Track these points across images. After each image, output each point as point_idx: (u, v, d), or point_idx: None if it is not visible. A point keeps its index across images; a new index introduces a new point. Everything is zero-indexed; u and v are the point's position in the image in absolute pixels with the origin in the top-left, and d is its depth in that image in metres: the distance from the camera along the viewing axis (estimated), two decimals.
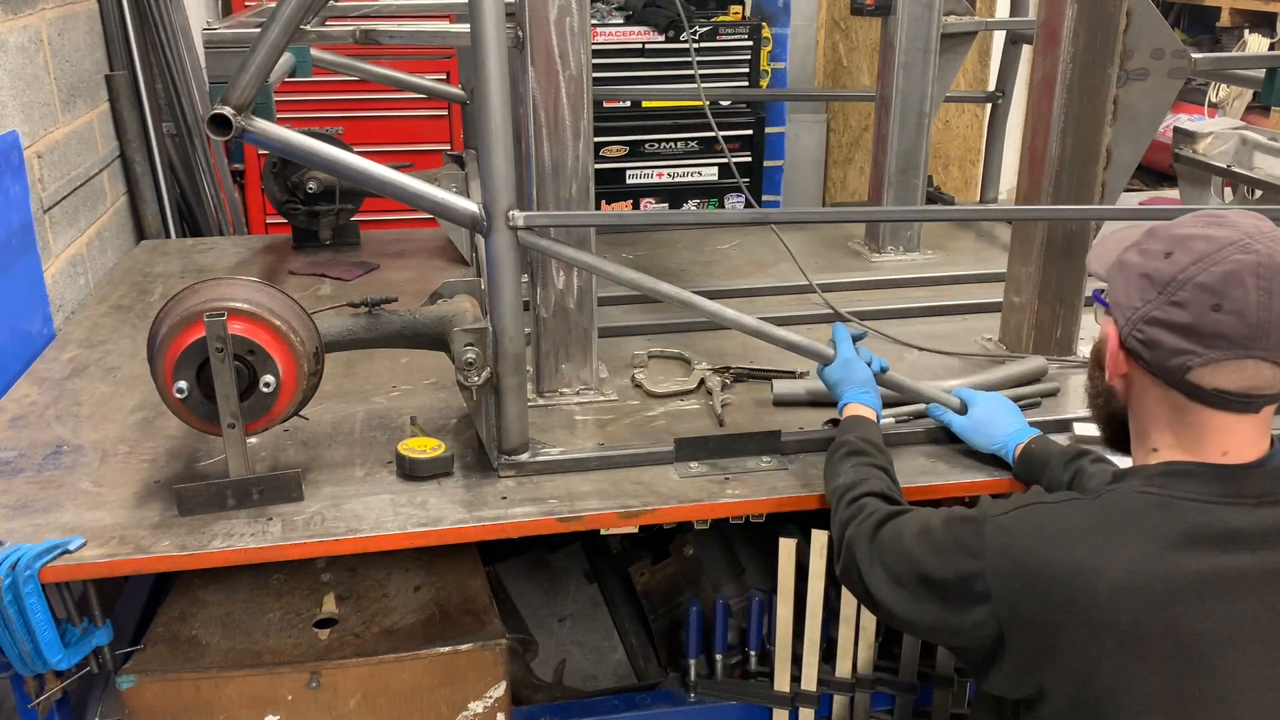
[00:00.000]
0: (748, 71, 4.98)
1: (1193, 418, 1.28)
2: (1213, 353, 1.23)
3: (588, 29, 2.10)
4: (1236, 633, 1.23)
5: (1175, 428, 1.30)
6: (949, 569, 1.37)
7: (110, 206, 3.36)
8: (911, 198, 3.20)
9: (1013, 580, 1.29)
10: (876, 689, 2.18)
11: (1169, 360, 1.26)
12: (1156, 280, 1.27)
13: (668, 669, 2.31)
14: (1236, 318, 1.21)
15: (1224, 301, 1.22)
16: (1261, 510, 1.25)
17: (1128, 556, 1.24)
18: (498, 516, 1.88)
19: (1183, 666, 1.23)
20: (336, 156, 1.88)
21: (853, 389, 1.94)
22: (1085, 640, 1.24)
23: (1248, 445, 1.28)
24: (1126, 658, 1.23)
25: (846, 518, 1.59)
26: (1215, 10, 6.49)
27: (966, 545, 1.35)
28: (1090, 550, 1.25)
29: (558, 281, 2.23)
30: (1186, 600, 1.22)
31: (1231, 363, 1.23)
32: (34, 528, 1.81)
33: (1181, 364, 1.25)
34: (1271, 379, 1.24)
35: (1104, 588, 1.23)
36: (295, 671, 1.81)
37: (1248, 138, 3.50)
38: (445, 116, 4.73)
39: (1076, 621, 1.24)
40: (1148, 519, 1.26)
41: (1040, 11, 2.34)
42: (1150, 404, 1.33)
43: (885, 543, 1.49)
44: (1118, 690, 1.24)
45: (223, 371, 1.76)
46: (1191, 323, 1.23)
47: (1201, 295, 1.23)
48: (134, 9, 3.52)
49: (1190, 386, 1.26)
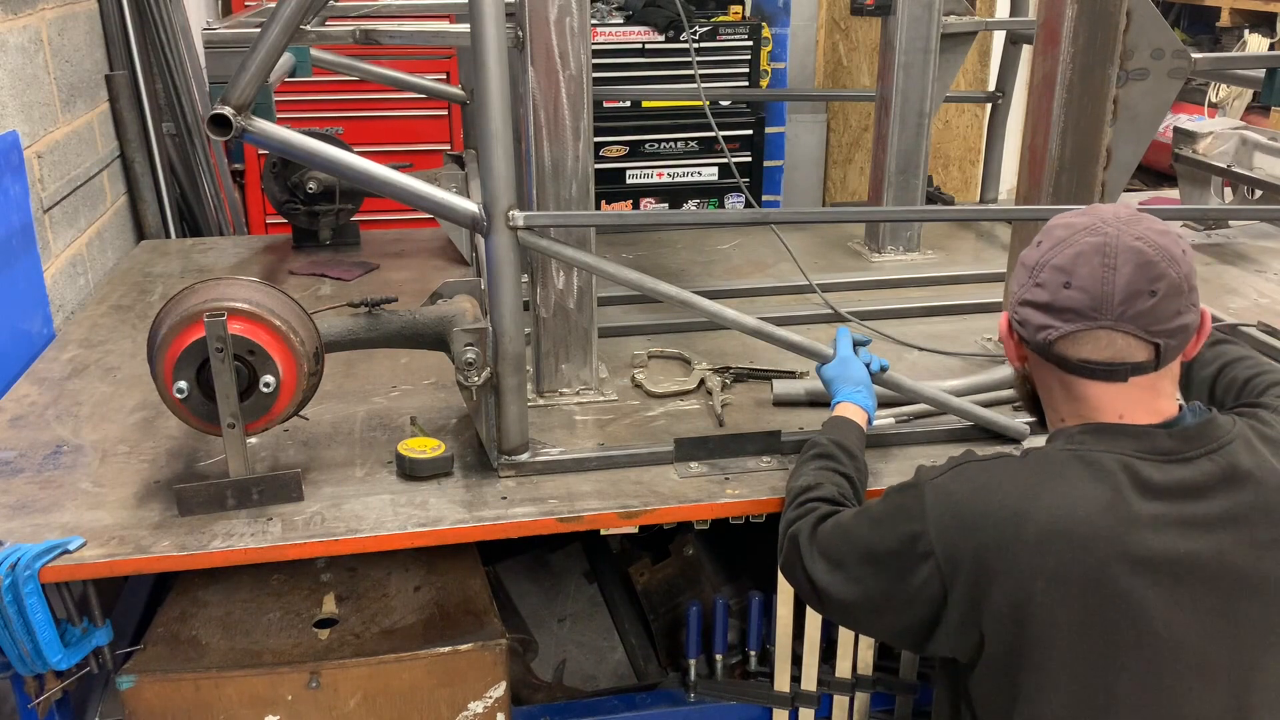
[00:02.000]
0: (748, 71, 4.98)
1: (1075, 389, 1.40)
2: (1068, 325, 1.35)
3: (588, 29, 2.10)
4: (1155, 577, 1.29)
5: (1068, 400, 1.42)
6: (892, 537, 1.41)
7: (110, 206, 3.36)
8: (911, 198, 3.20)
9: (952, 533, 1.36)
10: (876, 689, 2.18)
11: (1036, 335, 1.39)
12: (1026, 265, 1.41)
13: (668, 669, 2.32)
14: (1083, 292, 1.33)
15: (1073, 279, 1.34)
16: (1171, 466, 1.33)
17: (1054, 504, 1.32)
18: (498, 516, 1.88)
19: (1105, 608, 1.30)
20: (336, 156, 1.88)
21: (847, 388, 1.95)
22: (1016, 585, 1.31)
23: (1141, 411, 1.38)
24: (1054, 600, 1.30)
25: (794, 516, 1.63)
26: (1215, 10, 6.49)
27: (907, 510, 1.41)
28: (1020, 498, 1.33)
29: (558, 281, 2.23)
30: (1109, 544, 1.29)
31: (1085, 334, 1.35)
32: (34, 528, 1.81)
33: (1045, 338, 1.37)
34: (1125, 348, 1.34)
35: (1033, 532, 1.31)
36: (295, 671, 1.81)
37: (1248, 138, 3.50)
38: (445, 116, 4.73)
39: (1009, 566, 1.31)
40: (1071, 470, 1.34)
41: (1040, 11, 2.34)
42: (1044, 379, 1.45)
43: (825, 532, 1.54)
44: (1046, 635, 1.31)
45: (223, 371, 1.76)
46: (1049, 300, 1.36)
47: (1056, 275, 1.36)
48: (134, 9, 3.52)
49: (1059, 358, 1.38)
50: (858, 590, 1.46)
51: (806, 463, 1.77)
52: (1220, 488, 1.33)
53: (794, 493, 1.69)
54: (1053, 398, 1.45)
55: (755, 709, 2.18)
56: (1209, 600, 1.31)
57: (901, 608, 1.42)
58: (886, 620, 1.46)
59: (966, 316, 2.77)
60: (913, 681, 2.17)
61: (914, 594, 1.39)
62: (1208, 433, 1.36)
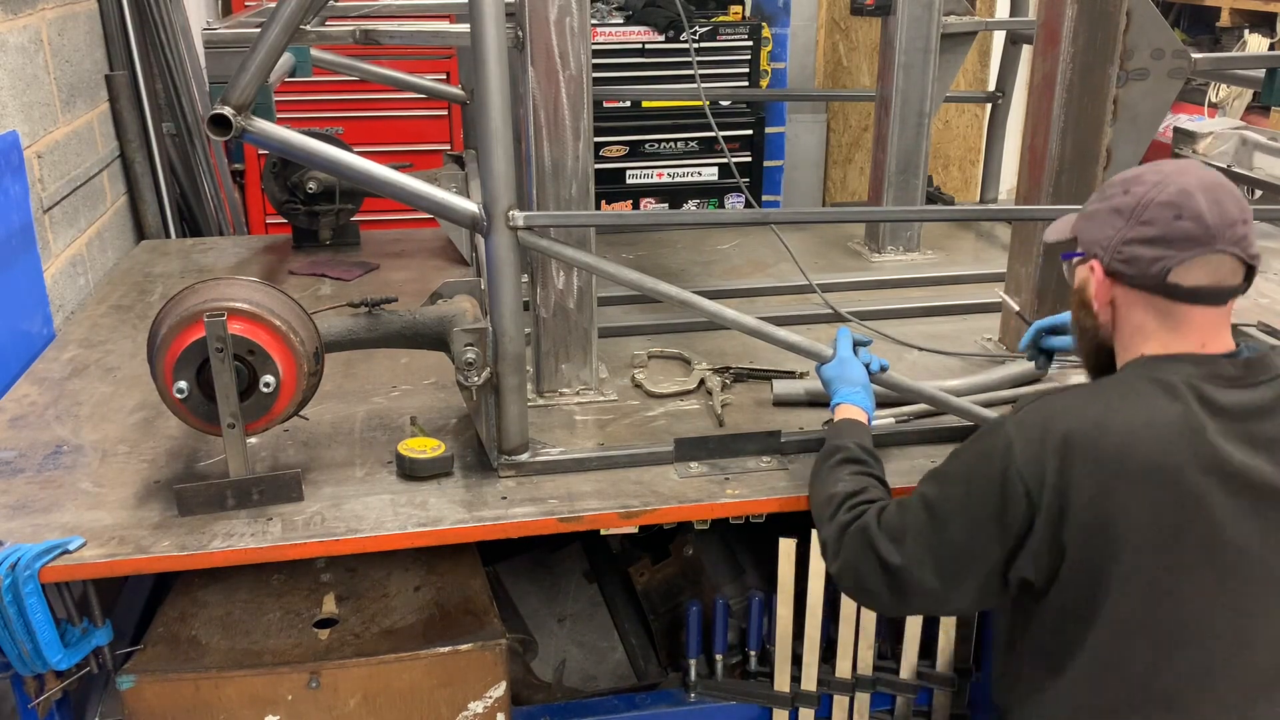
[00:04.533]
0: (748, 71, 4.98)
1: (1175, 319, 1.50)
2: (1184, 253, 1.46)
3: (588, 29, 2.10)
4: (1226, 486, 1.42)
5: (1161, 333, 1.51)
6: (980, 482, 1.49)
7: (110, 206, 3.36)
8: (911, 198, 3.20)
9: (1036, 456, 1.45)
10: (876, 689, 2.18)
11: (1150, 268, 1.48)
12: (1124, 211, 1.50)
13: (668, 669, 2.32)
14: (1195, 222, 1.45)
15: (1183, 212, 1.46)
16: (1235, 391, 1.47)
17: (1130, 416, 1.44)
18: (498, 516, 1.88)
19: (1181, 512, 1.41)
20: (336, 156, 1.88)
21: (845, 388, 1.96)
22: (1098, 493, 1.42)
23: (1220, 339, 1.51)
24: (1133, 505, 1.41)
25: (848, 519, 1.64)
26: (1215, 10, 6.49)
27: (991, 452, 1.49)
28: (1098, 414, 1.45)
29: (558, 281, 2.23)
30: (1183, 452, 1.42)
31: (1199, 259, 1.46)
32: (34, 528, 1.81)
33: (1162, 268, 1.47)
34: (1231, 271, 1.48)
35: (1112, 443, 1.43)
36: (295, 671, 1.81)
37: (1248, 138, 3.51)
38: (445, 116, 4.73)
39: (1091, 476, 1.42)
40: (1144, 388, 1.47)
41: (1040, 11, 2.34)
42: (1136, 317, 1.53)
43: (889, 519, 1.60)
44: (1125, 540, 1.42)
45: (223, 371, 1.76)
46: (1161, 233, 1.47)
47: (1164, 210, 1.47)
48: (134, 9, 3.52)
49: (1171, 288, 1.48)
50: (943, 552, 1.53)
51: (836, 468, 1.77)
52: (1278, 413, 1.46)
53: (838, 498, 1.70)
54: (1139, 335, 1.53)
55: (755, 709, 2.18)
56: (1274, 515, 1.44)
57: (991, 547, 1.49)
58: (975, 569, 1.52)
59: (966, 316, 2.77)
60: (913, 681, 2.18)
61: (1005, 528, 1.47)
62: (1267, 363, 1.50)
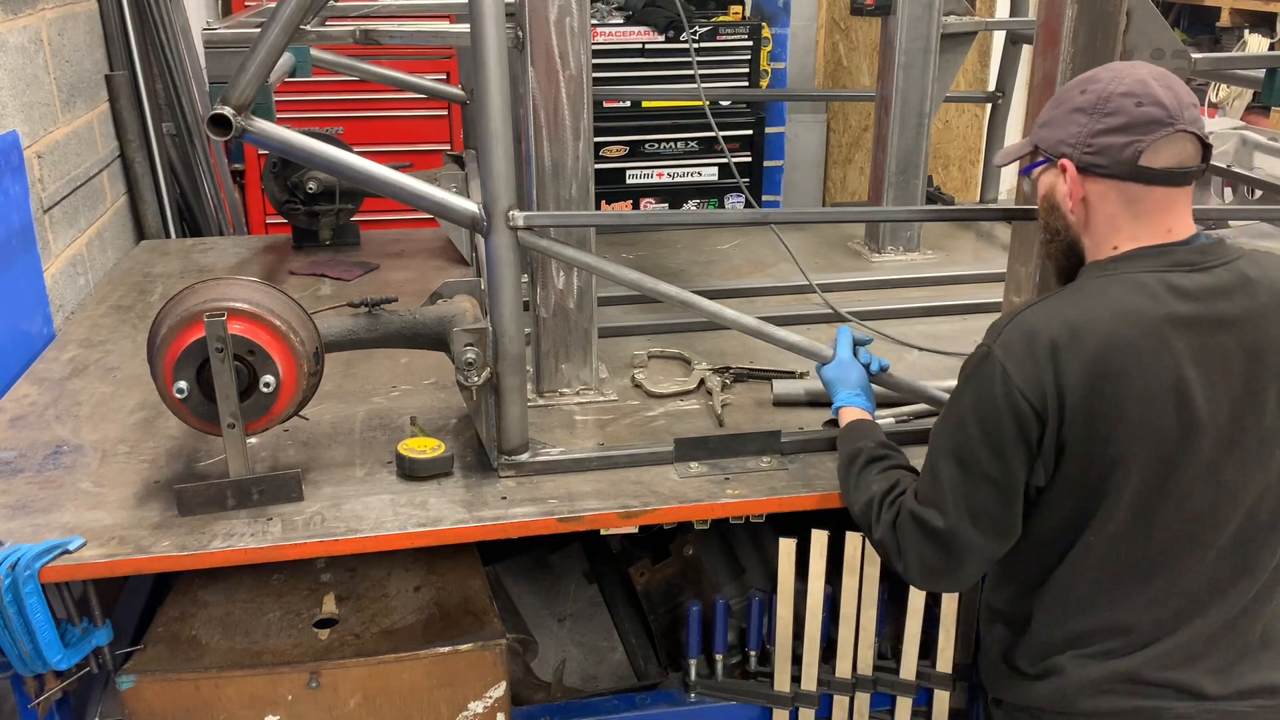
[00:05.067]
0: (748, 71, 4.98)
1: (1146, 204, 1.57)
2: (1150, 135, 1.53)
3: (588, 29, 2.10)
4: (1198, 368, 1.51)
5: (1132, 221, 1.58)
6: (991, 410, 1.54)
7: (110, 206, 3.36)
8: (911, 198, 3.20)
9: (1031, 372, 1.51)
10: (876, 689, 2.18)
11: (1122, 154, 1.55)
12: (1085, 108, 1.59)
13: (668, 669, 2.32)
14: (1156, 106, 1.54)
15: (1143, 99, 1.55)
16: (1196, 274, 1.55)
17: (1104, 315, 1.52)
18: (498, 516, 1.88)
19: (1162, 398, 1.50)
20: (336, 156, 1.88)
21: (845, 390, 1.97)
22: (1089, 390, 1.49)
23: (1183, 223, 1.59)
24: (1119, 396, 1.49)
25: (891, 517, 1.67)
26: (1215, 10, 6.49)
27: (990, 379, 1.54)
28: (1075, 319, 1.52)
29: (558, 281, 2.23)
30: (1158, 339, 1.50)
31: (1165, 141, 1.54)
32: (34, 528, 1.81)
33: (1134, 151, 1.54)
34: (1192, 152, 1.56)
35: (1093, 342, 1.50)
36: (295, 671, 1.81)
37: (1248, 138, 3.51)
38: (445, 116, 4.72)
39: (1079, 376, 1.50)
40: (1111, 288, 1.56)
41: (1040, 11, 2.34)
42: (1109, 208, 1.60)
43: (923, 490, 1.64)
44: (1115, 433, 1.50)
45: (223, 371, 1.76)
46: (1127, 121, 1.55)
47: (1125, 100, 1.55)
48: (134, 9, 3.52)
49: (1142, 170, 1.55)
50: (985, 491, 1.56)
51: (863, 472, 1.78)
52: (1237, 292, 1.54)
53: (876, 500, 1.71)
54: (1111, 226, 1.60)
55: (755, 709, 2.18)
56: (1238, 386, 1.52)
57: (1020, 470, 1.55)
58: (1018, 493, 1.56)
59: (966, 316, 2.77)
60: (913, 681, 2.18)
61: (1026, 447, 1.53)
62: (1220, 249, 1.58)
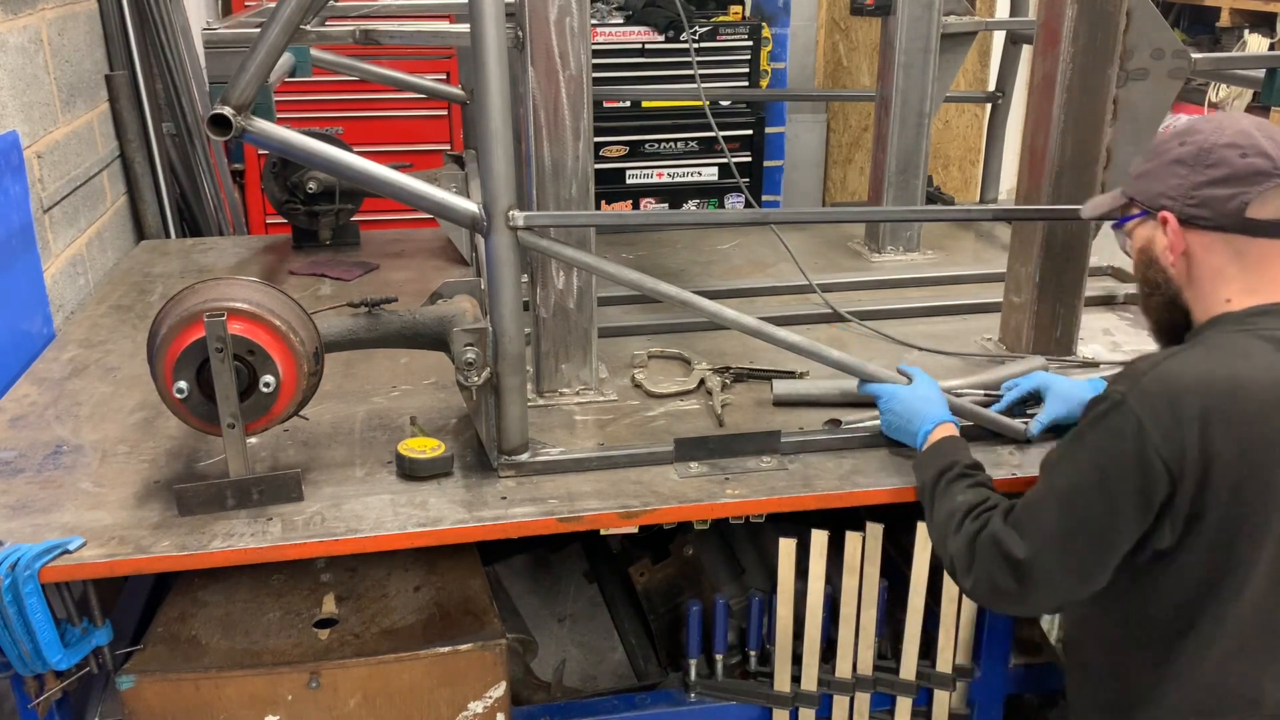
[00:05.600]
0: (748, 71, 4.99)
1: (1256, 256, 1.57)
2: (1256, 187, 1.54)
3: (588, 29, 2.10)
4: None
5: (1243, 274, 1.58)
6: (1117, 462, 1.51)
7: (110, 206, 3.36)
8: (911, 198, 3.20)
9: (1172, 432, 1.47)
10: (876, 689, 2.18)
11: (1228, 205, 1.55)
12: (1186, 159, 1.59)
13: (668, 669, 2.31)
14: (1261, 156, 1.54)
15: (1247, 150, 1.55)
16: None
17: (1257, 376, 1.49)
18: (498, 516, 1.88)
19: None
20: (336, 156, 1.88)
21: (940, 408, 1.97)
22: (1238, 456, 1.47)
23: None
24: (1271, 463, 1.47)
25: (975, 529, 1.67)
26: (1215, 10, 6.48)
27: (1120, 430, 1.51)
28: (1227, 378, 1.49)
29: (558, 281, 2.23)
30: None
31: (1271, 191, 1.54)
32: (34, 528, 1.81)
33: (1240, 203, 1.54)
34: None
35: (1251, 408, 1.47)
36: (295, 671, 1.81)
37: None
38: (445, 116, 4.73)
39: (1232, 437, 1.47)
40: (1252, 345, 1.53)
41: (1040, 11, 2.34)
42: (1215, 260, 1.59)
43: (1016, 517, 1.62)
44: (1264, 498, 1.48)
45: (223, 371, 1.76)
46: (1231, 172, 1.55)
47: (1229, 151, 1.56)
48: (134, 9, 3.52)
49: (1250, 223, 1.55)
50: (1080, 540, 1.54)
51: (952, 485, 1.78)
52: None
53: (961, 511, 1.71)
54: (1220, 279, 1.59)
55: (755, 709, 2.18)
56: None
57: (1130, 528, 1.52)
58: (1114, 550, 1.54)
59: (966, 316, 2.77)
60: (913, 681, 2.18)
61: (1146, 507, 1.50)
62: None
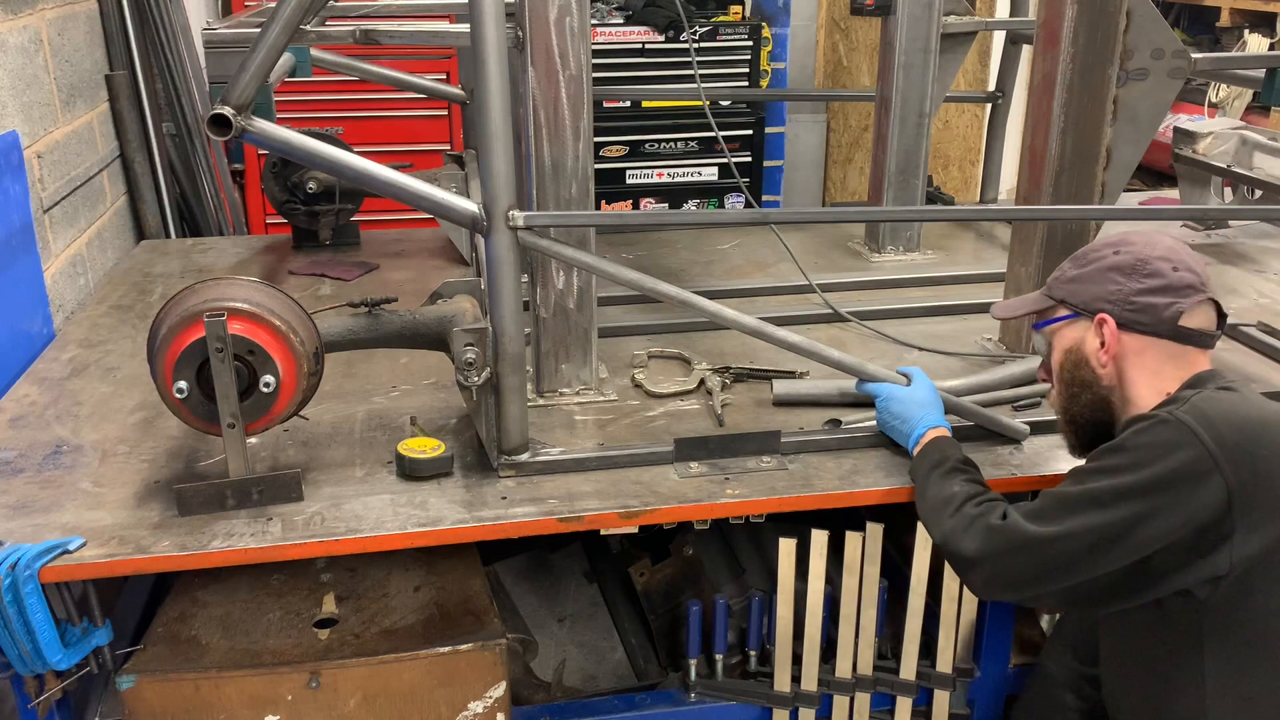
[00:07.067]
0: (748, 71, 4.98)
1: (1187, 360, 1.68)
2: (1188, 299, 1.66)
3: (588, 29, 2.10)
4: None
5: (1178, 372, 1.67)
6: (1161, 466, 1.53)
7: (110, 206, 3.36)
8: (911, 198, 3.20)
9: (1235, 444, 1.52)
10: (876, 689, 2.18)
11: (1164, 313, 1.66)
12: (1123, 268, 1.70)
13: (668, 669, 2.32)
14: (1190, 271, 1.67)
15: (1178, 265, 1.67)
16: None
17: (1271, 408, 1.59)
18: (498, 516, 1.88)
19: None
20: (336, 156, 1.88)
21: (936, 412, 2.00)
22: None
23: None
24: None
25: (976, 512, 1.71)
26: (1215, 10, 6.50)
27: (1170, 440, 1.54)
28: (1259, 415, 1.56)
29: (558, 281, 2.23)
30: None
31: (1199, 305, 1.66)
32: (34, 528, 1.81)
33: (1174, 312, 1.65)
34: (1214, 319, 1.70)
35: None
36: (295, 671, 1.81)
37: (1248, 138, 3.50)
38: (445, 116, 4.73)
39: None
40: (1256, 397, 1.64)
41: (1040, 11, 2.34)
42: (1150, 363, 1.68)
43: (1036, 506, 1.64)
44: None
45: (223, 371, 1.76)
46: (1167, 283, 1.66)
47: (1162, 264, 1.68)
48: (134, 9, 3.52)
49: (1182, 331, 1.66)
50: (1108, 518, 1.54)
51: (948, 476, 1.81)
52: None
53: (959, 498, 1.75)
54: (1157, 378, 1.68)
55: (755, 709, 2.18)
56: None
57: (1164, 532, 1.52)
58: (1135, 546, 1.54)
59: (966, 316, 2.77)
60: (913, 681, 2.18)
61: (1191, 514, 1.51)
62: None
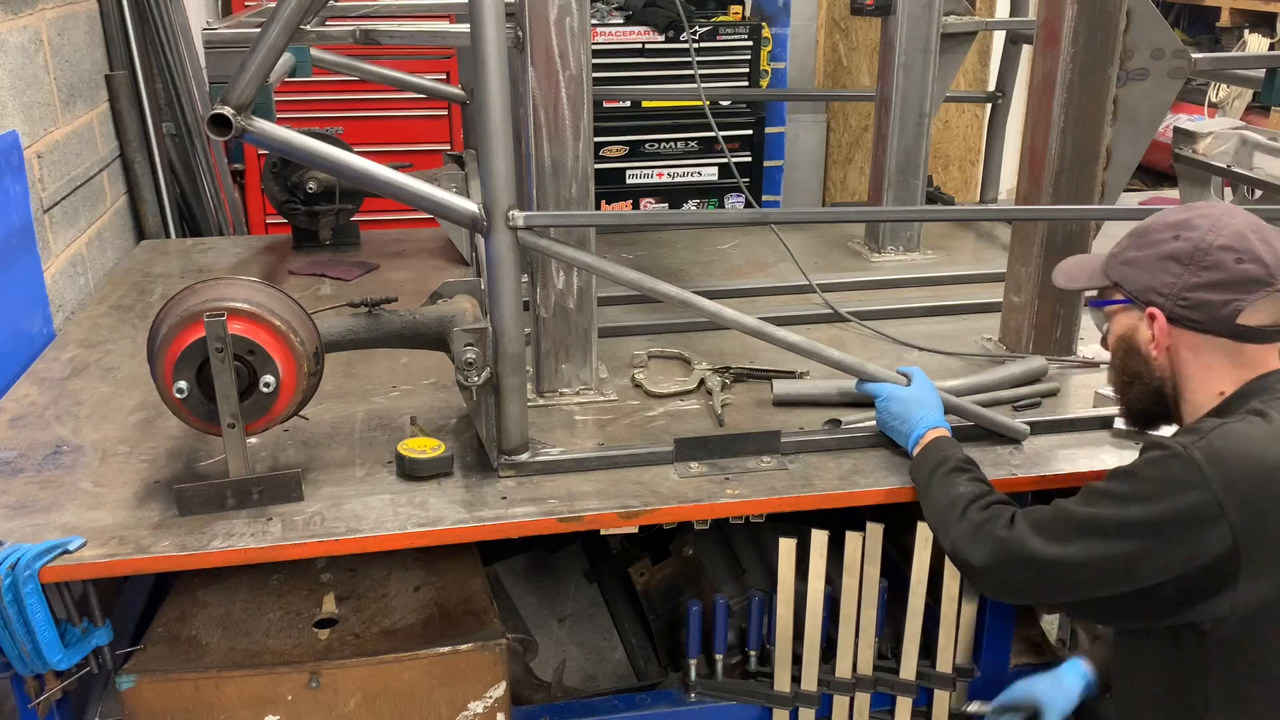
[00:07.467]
0: (748, 71, 4.98)
1: (1246, 358, 1.57)
2: (1250, 295, 1.53)
3: (588, 29, 2.10)
4: None
5: (1234, 371, 1.57)
6: (1167, 505, 1.47)
7: (110, 206, 3.36)
8: (911, 198, 3.20)
9: (1244, 489, 1.44)
10: (876, 689, 2.18)
11: (1220, 311, 1.54)
12: (1181, 257, 1.57)
13: (668, 669, 2.31)
14: (1255, 262, 1.53)
15: (1242, 255, 1.53)
16: None
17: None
18: (498, 516, 1.88)
19: None
20: (336, 156, 1.88)
21: (936, 412, 1.98)
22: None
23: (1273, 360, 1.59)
24: None
25: (982, 518, 1.67)
26: (1215, 10, 6.50)
27: (1180, 478, 1.47)
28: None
29: (558, 281, 2.23)
30: None
31: (1263, 300, 1.53)
32: (34, 528, 1.81)
33: (1232, 310, 1.54)
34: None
35: None
36: (295, 671, 1.81)
37: (1247, 138, 3.50)
38: (445, 116, 4.73)
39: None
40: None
41: (1040, 11, 2.34)
42: (1204, 360, 1.59)
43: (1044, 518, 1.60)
44: None
45: (223, 371, 1.76)
46: (1226, 277, 1.53)
47: (1224, 254, 1.54)
48: (134, 9, 3.52)
49: (1241, 330, 1.55)
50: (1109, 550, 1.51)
51: (950, 476, 1.79)
52: None
53: (964, 500, 1.72)
54: (1211, 376, 1.59)
55: (755, 709, 2.18)
56: None
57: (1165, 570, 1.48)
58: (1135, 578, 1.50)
59: (966, 316, 2.77)
60: (913, 681, 2.17)
61: (1198, 555, 1.45)
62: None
